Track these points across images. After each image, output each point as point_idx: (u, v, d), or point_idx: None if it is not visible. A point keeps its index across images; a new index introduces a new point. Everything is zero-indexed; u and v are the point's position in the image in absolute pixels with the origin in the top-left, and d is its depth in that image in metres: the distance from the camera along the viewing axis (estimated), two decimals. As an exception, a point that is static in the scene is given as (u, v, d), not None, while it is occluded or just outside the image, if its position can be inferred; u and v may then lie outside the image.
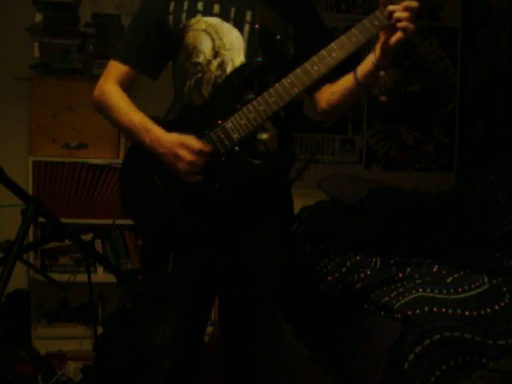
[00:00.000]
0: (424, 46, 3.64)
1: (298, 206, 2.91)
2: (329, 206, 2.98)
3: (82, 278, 2.68)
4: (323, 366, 1.96)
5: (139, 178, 1.62)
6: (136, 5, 1.69)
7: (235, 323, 1.70)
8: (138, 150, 1.58)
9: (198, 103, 1.56)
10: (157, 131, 1.52)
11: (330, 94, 1.60)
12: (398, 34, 1.35)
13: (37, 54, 2.89)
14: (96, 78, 1.68)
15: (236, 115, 1.49)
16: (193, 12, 1.56)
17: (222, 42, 1.55)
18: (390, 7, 1.34)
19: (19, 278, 2.80)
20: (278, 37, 1.56)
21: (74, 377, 2.60)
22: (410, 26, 1.34)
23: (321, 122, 3.55)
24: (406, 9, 1.33)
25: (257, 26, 1.53)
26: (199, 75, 1.56)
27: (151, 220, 1.63)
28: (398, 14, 1.34)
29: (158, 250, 1.66)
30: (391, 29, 1.36)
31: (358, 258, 1.99)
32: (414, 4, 1.34)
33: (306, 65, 1.44)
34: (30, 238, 2.83)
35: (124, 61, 1.62)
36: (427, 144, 3.70)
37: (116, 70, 1.62)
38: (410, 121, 3.67)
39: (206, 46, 1.55)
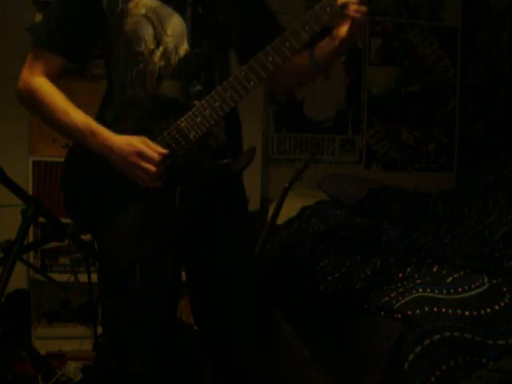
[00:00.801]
0: (424, 46, 3.64)
1: (298, 206, 2.91)
2: (329, 205, 2.97)
3: (82, 278, 2.67)
4: (323, 365, 1.96)
5: (87, 183, 1.46)
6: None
7: (212, 320, 1.62)
8: (81, 153, 1.43)
9: (142, 98, 1.42)
10: (105, 134, 1.37)
11: (284, 73, 1.50)
12: (349, 24, 1.31)
13: (37, 54, 2.88)
14: (96, 78, 1.65)
15: (190, 113, 1.38)
16: None
17: (164, 28, 1.41)
18: None
19: (19, 278, 2.81)
20: (221, 17, 1.45)
21: (74, 377, 2.60)
22: (357, 15, 1.29)
23: (321, 121, 3.55)
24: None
25: (199, 10, 1.42)
26: (141, 66, 1.42)
27: (111, 230, 1.46)
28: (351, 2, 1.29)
29: (122, 261, 1.48)
30: (346, 15, 1.31)
31: (357, 257, 1.99)
32: None
33: (261, 56, 1.35)
34: (30, 238, 2.83)
35: (50, 49, 1.43)
36: (427, 144, 3.70)
37: (42, 59, 1.44)
38: (409, 121, 3.67)
39: (147, 33, 1.41)
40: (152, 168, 1.35)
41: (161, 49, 1.42)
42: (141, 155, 1.34)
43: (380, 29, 3.57)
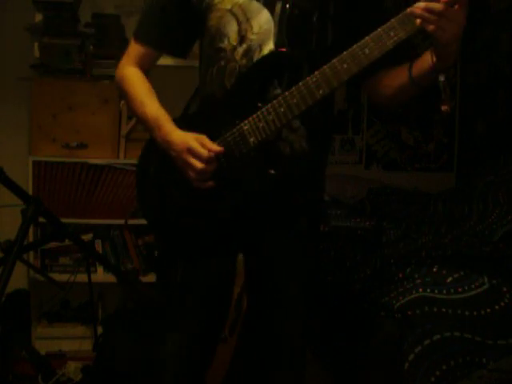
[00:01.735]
0: (424, 45, 3.64)
1: (298, 206, 2.91)
2: (329, 205, 2.97)
3: (82, 278, 2.67)
4: (323, 365, 1.96)
5: (152, 177, 1.49)
6: (136, 5, 1.68)
7: (262, 333, 1.55)
8: (153, 147, 1.44)
9: (219, 96, 1.39)
10: (167, 129, 1.37)
11: (383, 87, 1.41)
12: (440, 34, 1.17)
13: (37, 54, 2.88)
14: (96, 78, 1.65)
15: (255, 116, 1.31)
16: None
17: (250, 25, 1.34)
18: (436, 6, 1.14)
19: (19, 278, 2.80)
20: (315, 18, 1.33)
21: (74, 377, 2.60)
22: (448, 34, 1.15)
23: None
24: (443, 11, 1.14)
25: (288, 6, 1.32)
26: (222, 63, 1.38)
27: (163, 225, 1.49)
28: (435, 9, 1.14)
29: (169, 257, 1.54)
30: (444, 22, 1.16)
31: (357, 258, 1.99)
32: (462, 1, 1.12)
33: (335, 62, 1.21)
34: (30, 238, 2.83)
35: (144, 42, 1.47)
36: (427, 144, 3.70)
37: (136, 51, 1.49)
38: (409, 121, 3.66)
39: (230, 29, 1.35)
40: (198, 165, 1.31)
41: (244, 46, 1.35)
42: (190, 152, 1.31)
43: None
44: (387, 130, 3.64)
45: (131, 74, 1.47)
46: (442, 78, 1.24)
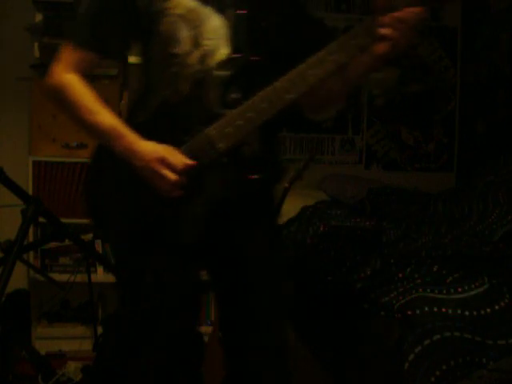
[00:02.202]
0: (424, 46, 3.64)
1: (298, 206, 2.91)
2: (329, 205, 2.97)
3: (82, 278, 2.68)
4: (323, 365, 1.96)
5: (110, 183, 1.43)
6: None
7: (244, 332, 1.54)
8: (109, 153, 1.37)
9: (174, 102, 1.37)
10: (130, 138, 1.32)
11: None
12: (386, 47, 1.22)
13: (37, 54, 2.88)
14: (96, 78, 1.65)
15: (220, 121, 1.31)
16: None
17: (203, 30, 1.35)
18: (400, 14, 1.18)
19: (19, 278, 2.80)
20: (265, 24, 1.37)
21: (74, 377, 2.60)
22: (402, 41, 1.20)
23: (321, 121, 3.55)
24: (404, 17, 1.18)
25: (242, 12, 1.34)
26: (176, 69, 1.36)
27: (128, 234, 1.42)
28: (400, 21, 1.18)
29: (137, 263, 1.45)
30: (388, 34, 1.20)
31: (357, 257, 1.99)
32: (418, 10, 1.18)
33: (302, 67, 1.25)
34: (30, 238, 2.83)
35: (86, 47, 1.39)
36: (427, 144, 3.70)
37: (75, 56, 1.39)
38: (409, 121, 3.67)
39: (183, 34, 1.34)
40: (172, 176, 1.29)
41: (198, 51, 1.35)
42: (163, 162, 1.29)
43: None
44: (387, 130, 3.65)
45: (74, 82, 1.38)
46: (376, 75, 1.30)
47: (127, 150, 1.32)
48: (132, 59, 1.56)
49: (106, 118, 1.35)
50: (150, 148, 1.31)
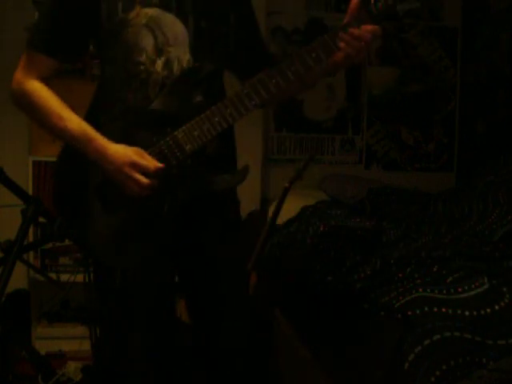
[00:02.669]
0: (424, 46, 3.64)
1: (298, 205, 2.91)
2: (329, 205, 2.97)
3: (82, 278, 2.67)
4: (323, 366, 1.96)
5: (76, 185, 1.46)
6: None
7: (209, 324, 1.62)
8: (73, 155, 1.42)
9: (144, 106, 1.42)
10: (101, 142, 1.36)
11: None
12: (348, 58, 1.36)
13: (37, 54, 2.88)
14: (96, 78, 1.65)
15: (188, 125, 1.39)
16: (130, 3, 1.39)
17: (166, 37, 1.42)
18: (357, 32, 1.33)
19: (19, 278, 2.80)
20: (223, 29, 1.47)
21: (74, 377, 2.60)
22: (359, 54, 1.35)
23: (321, 121, 3.55)
24: (361, 35, 1.33)
25: (201, 22, 1.43)
26: (143, 76, 1.42)
27: (94, 235, 1.46)
28: (358, 37, 1.33)
29: (103, 268, 1.52)
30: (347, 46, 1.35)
31: (357, 257, 1.99)
32: (377, 30, 1.34)
33: (264, 76, 1.38)
34: (30, 238, 2.83)
35: (48, 53, 1.42)
36: (427, 144, 3.70)
37: (35, 61, 1.43)
38: (409, 121, 3.67)
39: (147, 43, 1.41)
40: (144, 180, 1.35)
41: (163, 58, 1.42)
42: (135, 166, 1.35)
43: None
44: (387, 130, 3.65)
45: (39, 89, 1.42)
46: (329, 78, 1.45)
47: (98, 154, 1.36)
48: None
49: (75, 123, 1.39)
50: (120, 152, 1.36)
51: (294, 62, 1.37)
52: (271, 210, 2.57)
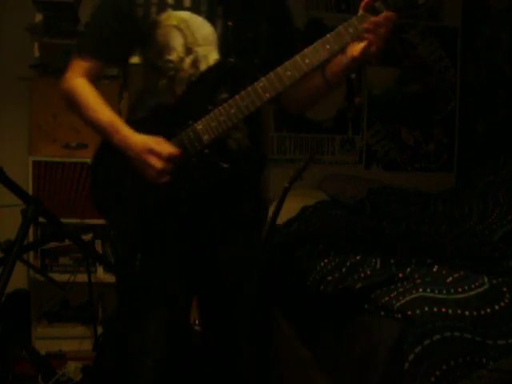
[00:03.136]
0: (424, 46, 3.64)
1: (298, 206, 2.91)
2: (329, 205, 2.97)
3: (81, 278, 2.68)
4: (323, 366, 1.96)
5: (109, 173, 1.60)
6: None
7: (218, 322, 1.70)
8: (109, 146, 1.55)
9: (171, 102, 1.53)
10: (125, 132, 1.49)
11: (296, 91, 1.58)
12: (371, 47, 1.39)
13: (37, 54, 2.88)
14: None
15: (207, 117, 1.47)
16: (163, 6, 1.51)
17: (195, 38, 1.51)
18: (373, 18, 1.37)
19: (19, 278, 2.81)
20: (251, 34, 1.54)
21: (74, 377, 2.60)
22: (380, 43, 1.38)
23: (321, 121, 3.55)
24: (384, 22, 1.36)
25: (230, 24, 1.51)
26: (172, 73, 1.52)
27: (120, 218, 1.61)
28: (375, 27, 1.37)
29: (127, 249, 1.66)
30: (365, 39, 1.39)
31: (358, 257, 1.99)
32: (393, 16, 1.36)
33: (279, 70, 1.43)
34: (30, 238, 2.83)
35: (93, 56, 1.57)
36: (427, 144, 3.70)
37: (83, 63, 1.57)
38: (409, 121, 3.67)
39: (177, 42, 1.50)
40: (159, 164, 1.44)
41: (191, 57, 1.51)
42: (150, 152, 1.45)
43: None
44: (387, 130, 3.65)
45: (81, 85, 1.56)
46: (353, 76, 1.45)
47: (122, 143, 1.49)
48: (133, 60, 1.67)
49: (106, 115, 1.52)
50: (140, 140, 1.47)
51: (307, 55, 1.41)
52: (271, 209, 2.57)
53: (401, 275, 1.78)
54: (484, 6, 3.44)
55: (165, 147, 1.46)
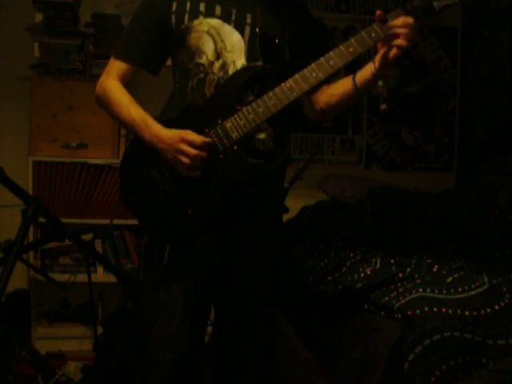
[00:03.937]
0: (424, 45, 3.64)
1: (298, 205, 2.91)
2: (329, 206, 2.97)
3: (81, 278, 2.68)
4: (323, 366, 1.96)
5: (138, 171, 1.66)
6: (136, 5, 1.70)
7: (233, 322, 1.75)
8: (139, 144, 1.64)
9: (200, 103, 1.60)
10: (156, 127, 1.58)
11: (328, 95, 1.68)
12: (394, 50, 1.43)
13: (37, 54, 2.88)
14: (96, 78, 1.69)
15: (236, 115, 1.55)
16: (195, 13, 1.60)
17: (224, 44, 1.59)
18: (390, 23, 1.42)
19: (19, 278, 2.80)
20: (277, 40, 1.62)
21: (74, 377, 2.60)
22: (404, 43, 1.41)
23: (320, 121, 3.55)
24: (403, 26, 1.40)
25: (257, 30, 1.59)
26: (201, 76, 1.61)
27: (149, 213, 1.68)
28: (395, 30, 1.41)
29: (156, 242, 1.72)
30: (388, 42, 1.44)
31: (358, 257, 1.99)
32: (411, 20, 1.40)
33: (305, 71, 1.50)
34: (30, 238, 2.83)
35: (126, 59, 1.66)
36: (427, 144, 3.70)
37: (117, 67, 1.67)
38: (409, 121, 3.67)
39: (208, 47, 1.60)
40: (193, 151, 1.52)
41: (220, 61, 1.60)
42: (183, 140, 1.53)
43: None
44: (387, 130, 3.65)
45: (115, 86, 1.65)
46: (380, 83, 1.54)
47: (153, 137, 1.57)
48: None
49: (138, 112, 1.61)
50: (172, 132, 1.56)
51: (331, 57, 1.49)
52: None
53: (401, 275, 1.78)
54: (484, 6, 3.44)
55: (197, 136, 1.53)
